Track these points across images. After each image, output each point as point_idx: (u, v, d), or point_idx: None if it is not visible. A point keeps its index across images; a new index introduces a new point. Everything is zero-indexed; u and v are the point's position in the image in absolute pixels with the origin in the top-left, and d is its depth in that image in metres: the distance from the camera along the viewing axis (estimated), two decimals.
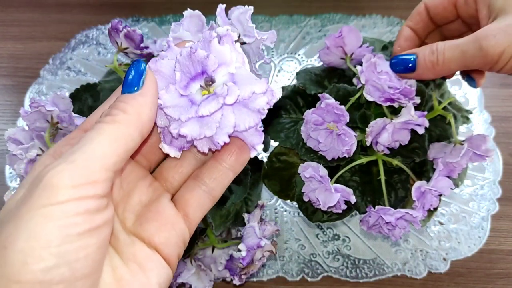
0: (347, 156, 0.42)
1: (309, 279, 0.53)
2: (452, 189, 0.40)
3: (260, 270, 0.54)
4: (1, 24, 0.79)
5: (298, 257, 0.55)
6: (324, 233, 0.57)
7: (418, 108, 0.43)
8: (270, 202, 0.59)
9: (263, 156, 0.59)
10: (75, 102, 0.48)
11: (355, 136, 0.41)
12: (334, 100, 0.40)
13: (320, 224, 0.57)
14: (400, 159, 0.43)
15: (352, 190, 0.41)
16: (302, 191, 0.43)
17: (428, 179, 0.41)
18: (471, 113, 0.49)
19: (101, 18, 0.78)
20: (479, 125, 0.64)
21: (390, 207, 0.40)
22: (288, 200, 0.49)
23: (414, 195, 0.40)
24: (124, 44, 0.45)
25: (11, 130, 0.42)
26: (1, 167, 0.63)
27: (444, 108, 0.42)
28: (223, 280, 0.50)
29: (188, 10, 0.37)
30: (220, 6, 0.37)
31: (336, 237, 0.56)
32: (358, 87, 0.44)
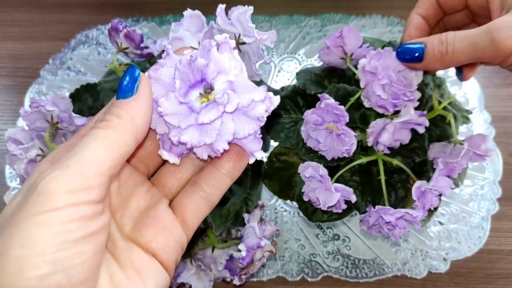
0: (347, 156, 0.42)
1: (309, 279, 0.53)
2: (452, 189, 0.40)
3: (260, 270, 0.54)
4: (1, 24, 0.79)
5: (298, 257, 0.55)
6: (324, 233, 0.57)
7: (418, 108, 0.43)
8: (270, 202, 0.59)
9: (263, 156, 0.59)
10: (75, 102, 0.48)
11: (355, 136, 0.41)
12: (334, 100, 0.41)
13: (320, 224, 0.57)
14: (400, 159, 0.43)
15: (352, 189, 0.41)
16: (302, 191, 0.43)
17: (428, 179, 0.41)
18: (471, 113, 0.49)
19: (101, 18, 0.78)
20: (479, 125, 0.64)
21: (390, 207, 0.40)
22: (288, 200, 0.49)
23: (414, 195, 0.40)
24: (124, 44, 0.45)
25: (11, 130, 0.42)
26: (1, 167, 0.63)
27: (444, 108, 0.42)
28: (223, 280, 0.50)
29: (188, 10, 0.37)
30: (220, 6, 0.37)
31: (336, 237, 0.56)
32: (362, 85, 0.43)
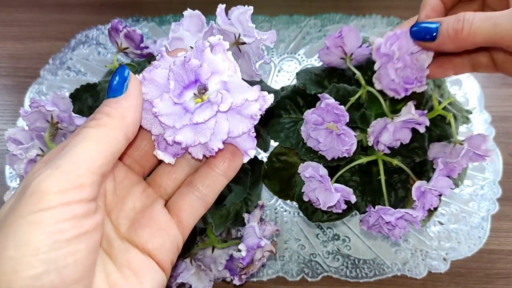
0: (347, 156, 0.42)
1: (309, 279, 0.53)
2: (452, 189, 0.40)
3: (260, 270, 0.54)
4: (1, 24, 0.79)
5: (298, 257, 0.55)
6: (324, 233, 0.57)
7: (418, 108, 0.43)
8: (270, 202, 0.59)
9: (263, 156, 0.59)
10: (75, 102, 0.48)
11: (355, 136, 0.41)
12: (334, 100, 0.41)
13: (320, 224, 0.57)
14: (400, 159, 0.43)
15: (352, 189, 0.41)
16: (302, 191, 0.43)
17: (428, 179, 0.41)
18: (471, 113, 0.49)
19: (101, 18, 0.78)
20: (479, 125, 0.64)
21: (390, 207, 0.40)
22: (288, 200, 0.49)
23: (414, 195, 0.40)
24: (124, 44, 0.45)
25: (11, 130, 0.42)
26: (1, 167, 0.63)
27: (444, 108, 0.42)
28: (223, 280, 0.50)
29: (188, 10, 0.38)
30: (220, 6, 0.37)
31: (336, 237, 0.56)
32: (376, 67, 0.40)
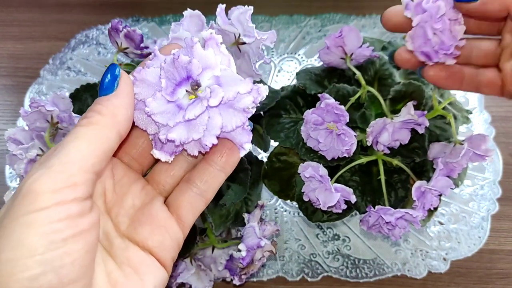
0: (347, 156, 0.42)
1: (309, 279, 0.53)
2: (452, 189, 0.40)
3: (260, 270, 0.54)
4: (1, 24, 0.79)
5: (298, 257, 0.55)
6: (324, 233, 0.57)
7: (418, 108, 0.43)
8: (270, 202, 0.59)
9: (263, 156, 0.59)
10: (75, 102, 0.48)
11: (355, 136, 0.41)
12: (334, 100, 0.41)
13: (320, 224, 0.57)
14: (400, 159, 0.43)
15: (352, 189, 0.41)
16: (302, 191, 0.43)
17: (428, 179, 0.41)
18: (471, 113, 0.49)
19: (101, 18, 0.78)
20: (479, 125, 0.64)
21: (390, 207, 0.40)
22: (288, 200, 0.49)
23: (414, 195, 0.40)
24: (124, 44, 0.45)
25: (11, 130, 0.42)
26: (1, 167, 0.63)
27: (444, 108, 0.42)
28: (223, 280, 0.50)
29: (188, 10, 0.37)
30: (220, 6, 0.37)
31: (336, 237, 0.56)
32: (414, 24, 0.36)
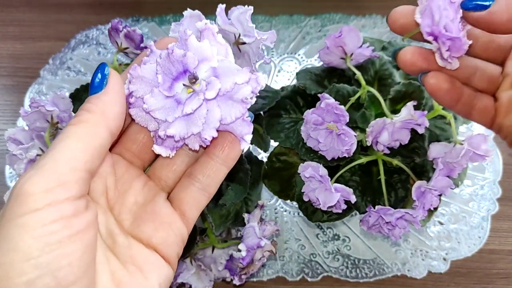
0: (347, 156, 0.42)
1: (309, 279, 0.53)
2: (452, 189, 0.40)
3: (260, 270, 0.54)
4: (1, 24, 0.79)
5: (298, 257, 0.55)
6: (324, 233, 0.57)
7: (418, 108, 0.43)
8: (270, 202, 0.59)
9: (263, 156, 0.59)
10: (75, 102, 0.48)
11: (355, 136, 0.41)
12: (334, 100, 0.41)
13: (320, 224, 0.57)
14: (400, 159, 0.43)
15: (352, 189, 0.41)
16: (302, 191, 0.43)
17: (428, 179, 0.41)
18: None
19: (101, 18, 0.78)
20: (479, 125, 0.64)
21: (390, 207, 0.40)
22: (288, 200, 0.49)
23: (414, 195, 0.40)
24: (124, 44, 0.45)
25: (11, 130, 0.42)
26: (1, 167, 0.63)
27: (444, 108, 0.42)
28: (223, 280, 0.50)
29: (188, 10, 0.37)
30: (220, 6, 0.37)
31: (336, 237, 0.56)
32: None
